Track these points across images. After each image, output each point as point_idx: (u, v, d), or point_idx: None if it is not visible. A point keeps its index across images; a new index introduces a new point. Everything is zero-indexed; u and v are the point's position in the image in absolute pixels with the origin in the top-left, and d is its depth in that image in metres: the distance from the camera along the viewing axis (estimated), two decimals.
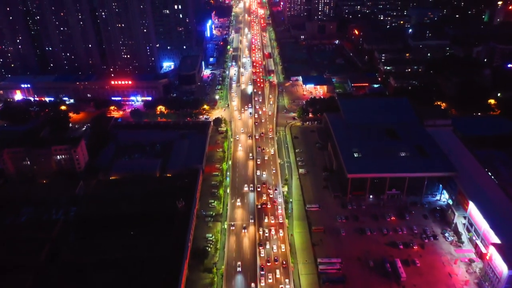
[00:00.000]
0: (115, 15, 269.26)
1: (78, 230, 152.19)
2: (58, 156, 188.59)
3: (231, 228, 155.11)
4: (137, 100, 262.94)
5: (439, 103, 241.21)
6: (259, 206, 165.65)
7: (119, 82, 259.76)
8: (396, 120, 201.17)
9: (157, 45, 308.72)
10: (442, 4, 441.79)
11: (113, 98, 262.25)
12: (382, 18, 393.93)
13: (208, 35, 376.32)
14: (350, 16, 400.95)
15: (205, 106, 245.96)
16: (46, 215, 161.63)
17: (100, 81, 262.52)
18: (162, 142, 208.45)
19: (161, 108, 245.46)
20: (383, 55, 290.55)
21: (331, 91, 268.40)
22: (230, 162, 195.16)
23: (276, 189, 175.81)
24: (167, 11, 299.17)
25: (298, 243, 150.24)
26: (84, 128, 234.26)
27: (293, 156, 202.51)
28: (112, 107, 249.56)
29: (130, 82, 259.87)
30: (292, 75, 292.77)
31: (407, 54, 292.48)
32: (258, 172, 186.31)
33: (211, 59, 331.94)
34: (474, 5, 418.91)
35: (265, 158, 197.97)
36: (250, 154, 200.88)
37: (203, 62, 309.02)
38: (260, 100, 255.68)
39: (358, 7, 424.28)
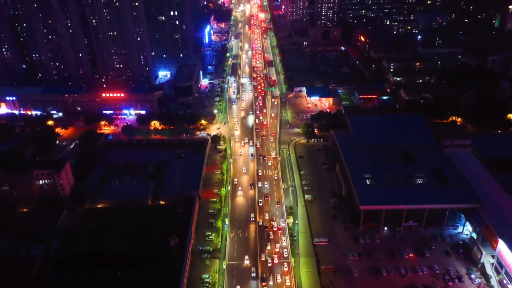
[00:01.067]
0: (106, 22, 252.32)
1: (58, 270, 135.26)
2: (40, 181, 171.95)
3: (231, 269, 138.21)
4: (130, 114, 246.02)
5: (454, 118, 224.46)
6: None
7: (111, 95, 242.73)
8: (411, 139, 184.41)
9: (152, 53, 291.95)
10: (449, 8, 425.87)
11: (104, 112, 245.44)
12: (388, 23, 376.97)
13: (207, 41, 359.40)
14: (355, 21, 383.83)
15: (203, 121, 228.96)
16: (25, 252, 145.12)
17: (90, 94, 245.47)
18: (155, 163, 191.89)
19: (155, 123, 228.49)
20: (391, 64, 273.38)
21: (337, 103, 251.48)
22: (229, 188, 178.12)
23: (281, 221, 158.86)
24: (163, 18, 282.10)
25: (306, 286, 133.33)
26: (72, 146, 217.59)
27: (298, 179, 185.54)
28: (102, 122, 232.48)
29: (122, 95, 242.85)
30: (296, 85, 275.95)
31: (417, 64, 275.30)
32: (261, 200, 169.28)
33: (209, 67, 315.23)
34: (484, 10, 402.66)
35: (268, 184, 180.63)
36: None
37: (201, 72, 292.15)
38: (262, 114, 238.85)
39: (363, 11, 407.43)
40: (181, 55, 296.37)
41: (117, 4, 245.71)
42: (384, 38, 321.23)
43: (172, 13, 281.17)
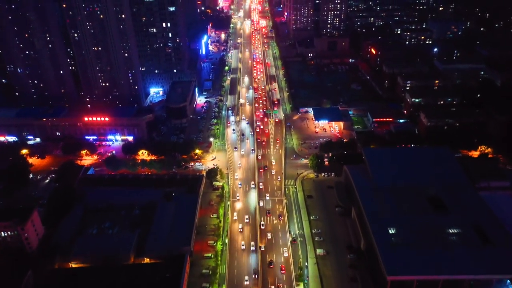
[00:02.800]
0: (90, 36, 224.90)
1: None
2: (2, 233, 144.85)
3: None
4: (116, 140, 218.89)
5: (482, 147, 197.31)
6: None
7: (94, 119, 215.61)
8: (439, 180, 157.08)
9: (143, 69, 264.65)
10: (463, 15, 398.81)
11: (87, 137, 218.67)
12: (399, 32, 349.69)
13: (203, 52, 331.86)
14: (364, 30, 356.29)
15: (197, 151, 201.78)
16: None
17: (71, 118, 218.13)
18: (141, 204, 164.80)
19: (143, 152, 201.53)
20: (408, 82, 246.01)
21: (348, 127, 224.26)
22: (227, 240, 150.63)
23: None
24: (154, 30, 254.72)
25: None
26: (48, 180, 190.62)
27: (308, 226, 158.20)
28: (84, 151, 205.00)
29: (107, 119, 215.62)
30: (301, 104, 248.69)
31: (436, 81, 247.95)
32: (263, 256, 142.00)
33: (206, 83, 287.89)
34: (501, 17, 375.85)
35: (271, 236, 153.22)
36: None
37: (196, 89, 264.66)
38: (264, 143, 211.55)
39: (371, 19, 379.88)
40: (174, 71, 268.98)
41: (101, 16, 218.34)
42: (397, 50, 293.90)
43: (164, 24, 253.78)
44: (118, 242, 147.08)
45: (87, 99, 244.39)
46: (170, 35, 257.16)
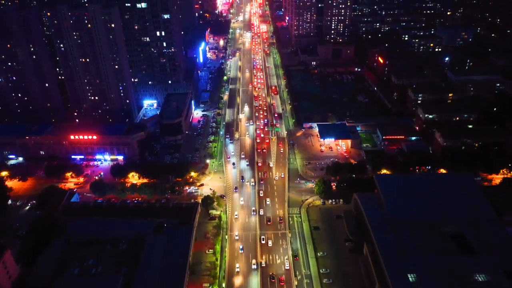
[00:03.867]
0: (77, 47, 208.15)
1: None
2: None
3: None
4: (105, 159, 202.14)
5: (504, 171, 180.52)
6: None
7: (81, 137, 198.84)
8: (463, 214, 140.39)
9: (135, 80, 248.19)
10: (472, 19, 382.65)
11: (73, 156, 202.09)
12: (406, 38, 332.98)
13: (201, 60, 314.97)
14: (369, 36, 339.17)
15: (192, 173, 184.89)
16: None
17: (56, 136, 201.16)
18: (129, 238, 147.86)
19: (134, 175, 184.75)
20: (419, 95, 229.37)
21: (357, 146, 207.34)
22: (224, 284, 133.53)
23: None
24: (147, 39, 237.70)
25: None
26: (28, 207, 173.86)
27: (315, 264, 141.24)
28: (69, 174, 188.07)
29: (94, 138, 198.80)
30: (305, 119, 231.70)
31: (449, 94, 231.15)
32: None
33: (203, 93, 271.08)
34: None
35: (276, 276, 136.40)
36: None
37: (192, 102, 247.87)
38: (265, 167, 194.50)
39: (377, 24, 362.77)
40: (169, 82, 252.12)
41: (89, 25, 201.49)
42: (406, 59, 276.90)
43: (158, 33, 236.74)
44: (102, 285, 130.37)
45: (75, 114, 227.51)
46: (164, 44, 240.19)
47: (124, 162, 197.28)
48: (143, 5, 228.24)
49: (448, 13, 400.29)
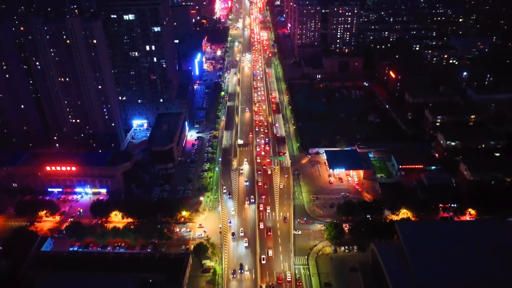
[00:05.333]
0: (55, 65, 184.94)
1: None
2: None
3: None
4: (86, 193, 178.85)
5: None
6: None
7: (58, 168, 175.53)
8: (504, 277, 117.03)
9: (123, 98, 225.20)
10: (487, 27, 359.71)
11: (50, 189, 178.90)
12: (417, 48, 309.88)
13: (197, 73, 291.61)
14: (378, 46, 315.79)
15: (184, 213, 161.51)
16: None
17: (31, 167, 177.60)
18: None
19: (117, 214, 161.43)
20: (438, 117, 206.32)
21: (370, 177, 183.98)
22: None
23: None
24: (136, 54, 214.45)
25: None
26: None
27: None
28: (43, 212, 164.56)
29: (74, 169, 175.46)
30: (311, 144, 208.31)
31: (472, 116, 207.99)
32: None
33: (198, 111, 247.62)
34: None
35: None
36: None
37: (186, 123, 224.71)
38: (266, 203, 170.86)
39: (385, 32, 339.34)
40: (161, 100, 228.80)
41: (68, 41, 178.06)
42: (419, 74, 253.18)
43: (148, 47, 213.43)
44: None
45: (55, 138, 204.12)
46: (155, 59, 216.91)
47: (107, 197, 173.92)
48: (131, 17, 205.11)
49: (460, 19, 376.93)
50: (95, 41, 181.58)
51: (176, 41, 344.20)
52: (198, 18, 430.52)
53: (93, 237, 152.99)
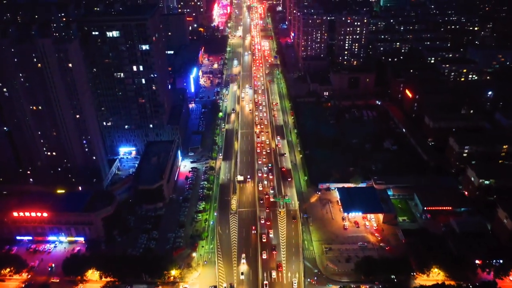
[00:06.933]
0: (25, 92, 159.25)
1: None
2: None
3: None
4: (60, 242, 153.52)
5: None
6: None
7: (28, 214, 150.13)
8: None
9: (109, 124, 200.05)
10: (506, 36, 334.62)
11: (19, 237, 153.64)
12: (432, 61, 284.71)
13: (193, 90, 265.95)
14: (389, 59, 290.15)
15: (173, 271, 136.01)
16: None
17: None
18: None
19: (94, 272, 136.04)
20: (465, 147, 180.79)
21: (391, 221, 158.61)
22: None
23: None
24: (121, 75, 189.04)
25: None
26: None
27: None
28: (7, 270, 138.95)
29: (45, 215, 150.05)
30: (320, 176, 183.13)
31: (504, 146, 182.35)
32: None
33: (194, 136, 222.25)
34: None
35: None
36: None
37: (179, 152, 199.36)
38: (270, 257, 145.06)
39: (397, 44, 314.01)
40: (150, 126, 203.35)
41: (39, 64, 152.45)
42: (439, 92, 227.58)
43: (135, 68, 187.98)
44: None
45: (28, 172, 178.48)
46: (143, 81, 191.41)
47: (85, 247, 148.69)
48: (115, 33, 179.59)
49: (476, 28, 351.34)
50: (70, 65, 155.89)
51: (171, 52, 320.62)
52: (195, 25, 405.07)
53: None
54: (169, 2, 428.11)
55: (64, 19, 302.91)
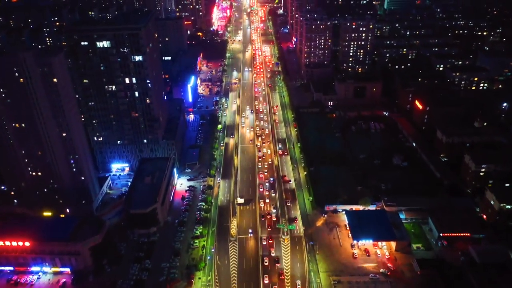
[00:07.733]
0: (6, 108, 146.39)
1: None
2: None
3: None
4: (44, 273, 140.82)
5: None
6: None
7: (8, 243, 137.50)
8: None
9: (100, 139, 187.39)
10: None
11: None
12: (441, 68, 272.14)
13: (190, 100, 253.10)
14: (396, 66, 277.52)
15: None
16: None
17: None
18: None
19: None
20: (483, 166, 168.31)
21: (404, 249, 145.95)
22: None
23: None
24: (113, 88, 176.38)
25: None
26: None
27: None
28: None
29: (27, 244, 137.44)
30: (326, 197, 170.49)
31: None
32: None
33: (191, 150, 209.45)
34: None
35: None
36: None
37: (175, 169, 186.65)
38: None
39: (404, 49, 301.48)
40: (145, 141, 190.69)
41: (21, 79, 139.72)
42: (451, 103, 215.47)
43: (128, 80, 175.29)
44: None
45: (12, 193, 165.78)
46: (136, 94, 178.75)
47: (71, 280, 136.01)
48: (106, 44, 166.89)
49: (485, 33, 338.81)
50: (55, 79, 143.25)
51: (168, 58, 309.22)
52: (194, 30, 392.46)
53: None
54: (167, 5, 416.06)
55: (57, 23, 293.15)
